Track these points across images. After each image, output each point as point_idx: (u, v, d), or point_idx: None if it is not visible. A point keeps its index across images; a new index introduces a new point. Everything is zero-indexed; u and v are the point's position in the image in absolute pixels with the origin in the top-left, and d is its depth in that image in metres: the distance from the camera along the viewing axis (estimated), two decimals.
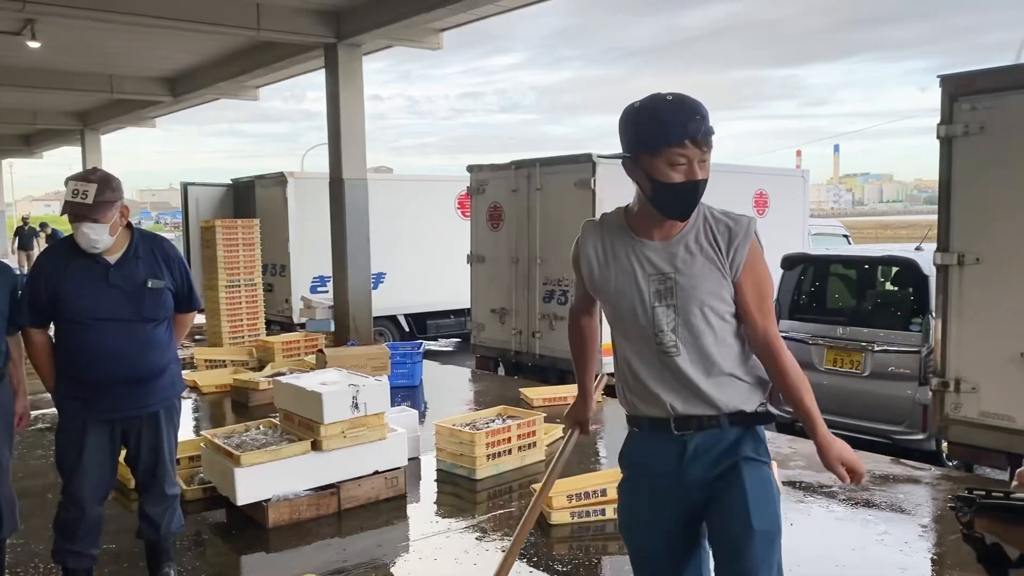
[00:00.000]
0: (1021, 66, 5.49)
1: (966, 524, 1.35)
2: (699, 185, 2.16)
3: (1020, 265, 4.98)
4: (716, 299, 2.22)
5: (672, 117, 2.12)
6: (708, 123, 2.13)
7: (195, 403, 7.69)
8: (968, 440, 5.27)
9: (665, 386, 2.27)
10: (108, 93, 13.24)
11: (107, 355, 3.37)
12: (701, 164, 2.15)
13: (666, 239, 2.25)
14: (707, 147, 2.15)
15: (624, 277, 2.28)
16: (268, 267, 11.68)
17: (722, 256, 2.22)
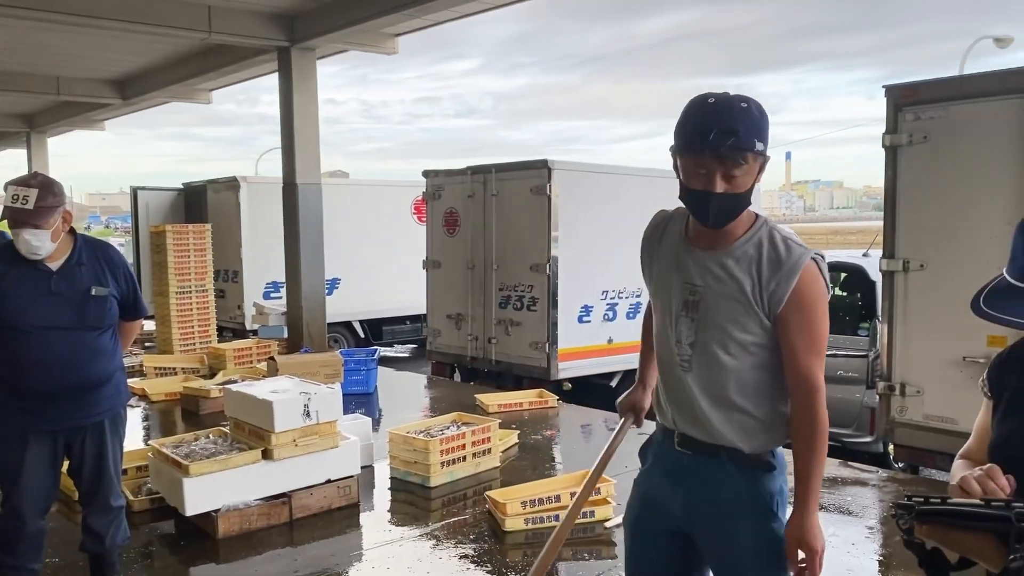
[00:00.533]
0: (962, 77, 5.65)
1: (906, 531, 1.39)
2: (712, 197, 2.00)
3: (962, 271, 5.10)
4: (736, 326, 2.07)
5: (700, 123, 1.99)
6: (736, 137, 1.94)
7: (144, 412, 7.54)
8: (913, 443, 5.39)
9: (674, 398, 2.21)
10: (55, 95, 12.93)
11: (49, 364, 3.29)
12: (726, 178, 1.98)
13: (712, 249, 2.12)
14: (732, 162, 1.96)
15: (664, 278, 2.22)
16: (220, 273, 11.53)
17: (758, 285, 2.05)
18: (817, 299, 2.05)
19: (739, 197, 2.01)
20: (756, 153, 1.98)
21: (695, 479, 2.15)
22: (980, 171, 5.03)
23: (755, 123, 1.97)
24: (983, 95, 5.09)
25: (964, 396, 5.11)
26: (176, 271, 9.72)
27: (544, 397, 7.49)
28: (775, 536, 2.11)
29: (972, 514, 1.30)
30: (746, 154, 1.97)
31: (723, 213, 2.04)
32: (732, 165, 1.97)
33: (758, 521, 2.12)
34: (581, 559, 4.18)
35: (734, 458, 2.12)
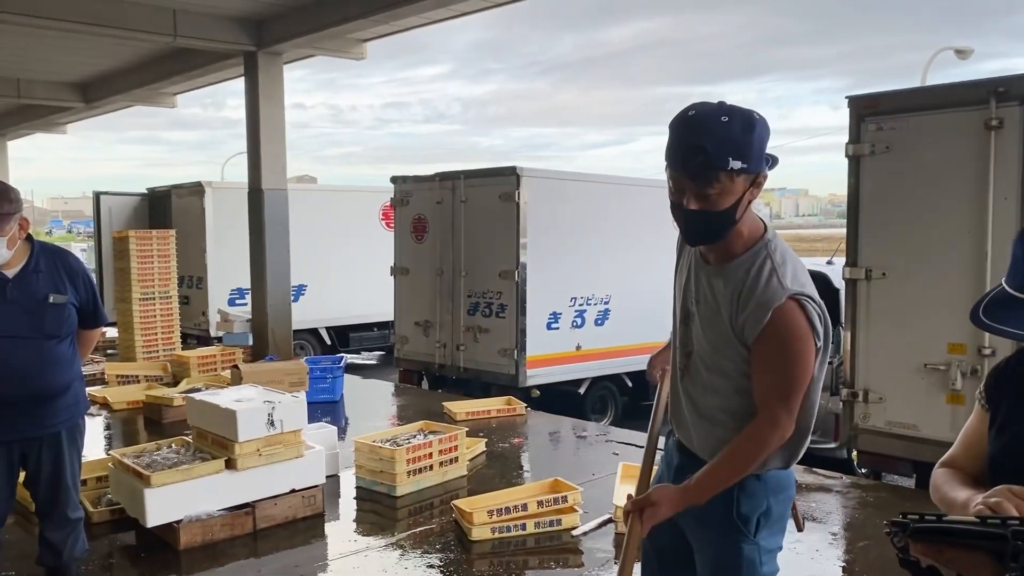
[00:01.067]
0: (923, 89, 5.75)
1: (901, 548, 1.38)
2: (684, 214, 1.95)
3: (923, 279, 5.19)
4: (717, 350, 2.06)
5: (675, 138, 1.92)
6: (704, 156, 1.85)
7: (105, 421, 7.40)
8: (876, 449, 5.46)
9: (672, 399, 2.25)
10: (15, 98, 12.71)
11: (6, 373, 3.22)
12: (699, 196, 1.90)
13: (712, 265, 2.08)
14: (702, 180, 1.88)
15: (679, 282, 2.21)
16: (184, 279, 11.38)
17: (735, 314, 1.99)
18: (788, 341, 1.94)
19: (714, 216, 1.92)
20: (731, 172, 1.87)
21: (682, 478, 2.11)
22: (941, 181, 5.12)
23: (732, 140, 1.86)
24: (943, 106, 5.18)
25: (926, 402, 5.19)
26: (139, 277, 9.57)
27: (512, 404, 7.48)
28: (743, 556, 2.08)
29: (967, 532, 1.29)
30: (717, 173, 1.86)
31: (696, 230, 1.99)
32: (703, 183, 1.88)
33: (726, 538, 2.09)
34: (547, 568, 4.18)
35: None
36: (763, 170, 1.96)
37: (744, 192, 1.93)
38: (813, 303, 1.96)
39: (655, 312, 9.13)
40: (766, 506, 2.09)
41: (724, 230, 1.96)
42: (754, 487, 2.08)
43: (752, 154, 1.89)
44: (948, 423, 5.08)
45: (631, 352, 9.08)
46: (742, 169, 1.88)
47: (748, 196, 1.95)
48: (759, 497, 2.09)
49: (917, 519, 1.32)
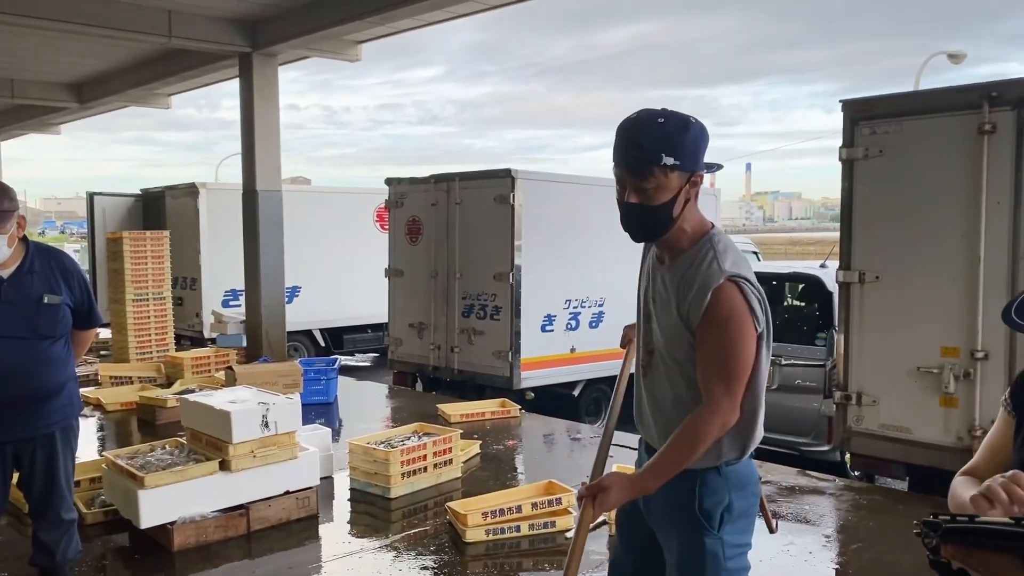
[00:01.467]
0: (917, 93, 5.78)
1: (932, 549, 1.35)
2: (624, 207, 2.09)
3: (917, 283, 5.21)
4: (671, 343, 2.15)
5: (618, 139, 2.07)
6: (640, 151, 2.01)
7: (99, 422, 7.39)
8: (869, 451, 5.47)
9: (637, 399, 2.33)
10: (9, 98, 12.65)
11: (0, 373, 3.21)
12: (638, 191, 2.04)
13: (664, 264, 2.21)
14: (639, 175, 2.03)
15: (641, 284, 2.33)
16: (178, 280, 11.37)
17: (682, 303, 2.09)
18: (727, 321, 2.03)
19: (650, 209, 2.05)
20: (664, 167, 2.00)
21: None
22: (934, 185, 5.14)
23: (667, 137, 2.00)
24: (937, 110, 5.20)
25: (919, 405, 5.21)
26: (133, 278, 9.55)
27: (507, 407, 7.48)
28: (705, 550, 2.13)
29: (999, 532, 1.27)
30: (652, 167, 2.00)
31: (635, 224, 2.12)
32: (639, 178, 2.03)
33: (689, 533, 2.14)
34: (541, 570, 4.18)
35: None
36: (698, 169, 2.08)
37: (680, 189, 2.05)
38: (752, 287, 2.06)
39: None
40: (728, 500, 2.15)
41: (662, 224, 2.09)
42: (715, 482, 2.14)
43: (685, 153, 2.02)
44: (941, 426, 5.11)
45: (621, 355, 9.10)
46: (675, 166, 2.01)
47: (685, 194, 2.07)
48: (720, 492, 2.14)
49: (948, 520, 1.29)
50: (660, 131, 2.01)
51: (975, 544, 1.28)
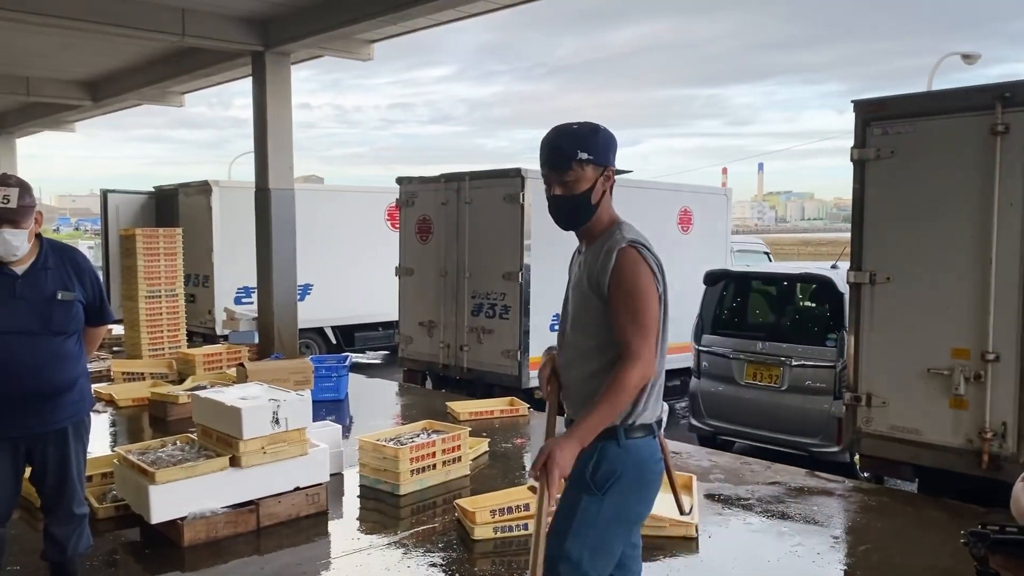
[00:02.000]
0: (929, 93, 5.75)
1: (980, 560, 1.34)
2: (553, 200, 2.49)
3: (928, 284, 5.19)
4: (583, 312, 2.48)
5: (543, 146, 2.48)
6: (560, 150, 2.43)
7: (111, 417, 7.44)
8: (879, 453, 5.46)
9: (565, 382, 2.59)
10: (24, 96, 12.77)
11: (13, 369, 3.24)
12: (560, 184, 2.45)
13: (584, 251, 2.56)
14: (559, 169, 2.43)
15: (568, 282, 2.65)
16: (191, 277, 11.42)
17: (595, 272, 2.43)
18: (633, 276, 2.38)
19: (572, 199, 2.45)
20: (580, 161, 2.40)
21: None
22: (946, 186, 5.12)
23: (581, 138, 2.43)
24: (950, 111, 5.17)
25: (929, 407, 5.19)
26: (146, 275, 9.61)
27: (515, 405, 7.49)
28: (580, 503, 2.38)
29: None
30: (570, 162, 2.41)
31: (562, 214, 2.51)
32: (560, 172, 2.43)
33: (578, 488, 2.40)
34: None
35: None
36: (611, 164, 2.48)
37: (596, 180, 2.45)
38: (651, 253, 2.43)
39: None
40: (620, 472, 2.40)
41: (583, 211, 2.47)
42: (613, 453, 2.40)
43: (597, 149, 2.44)
44: (950, 428, 5.09)
45: None
46: (589, 160, 2.42)
47: (601, 185, 2.46)
48: (616, 463, 2.40)
49: (997, 530, 1.27)
50: (575, 134, 2.45)
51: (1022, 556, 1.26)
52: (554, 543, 2.36)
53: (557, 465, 2.24)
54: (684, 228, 9.79)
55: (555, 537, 2.37)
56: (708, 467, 5.83)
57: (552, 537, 2.36)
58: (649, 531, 4.40)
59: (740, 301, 8.28)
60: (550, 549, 2.33)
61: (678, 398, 9.60)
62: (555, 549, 2.35)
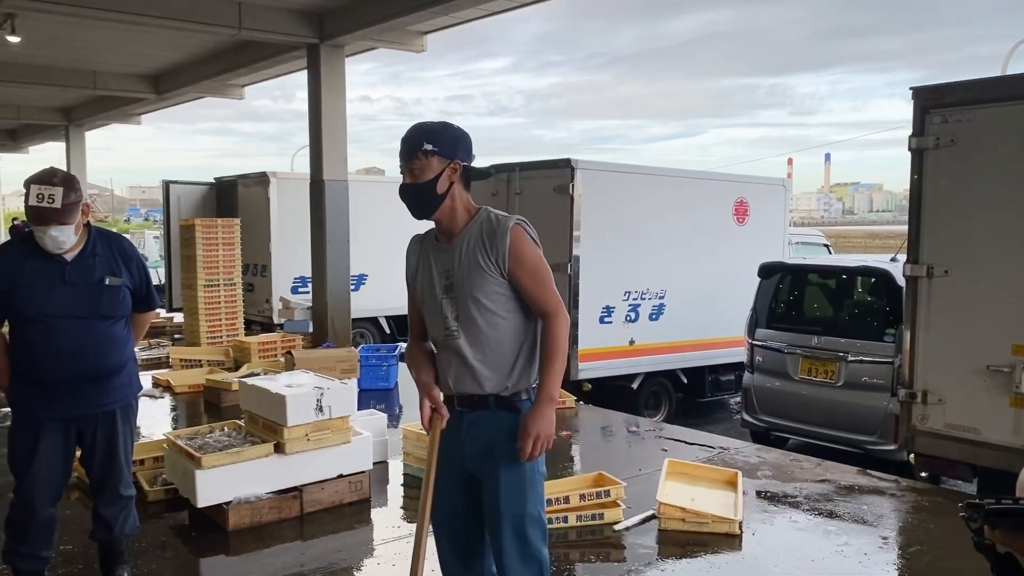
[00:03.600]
0: (991, 80, 5.50)
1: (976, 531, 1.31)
2: (402, 188, 2.64)
3: (987, 278, 4.99)
4: (481, 291, 2.59)
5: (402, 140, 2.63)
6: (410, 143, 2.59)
7: (168, 403, 7.64)
8: (934, 452, 5.28)
9: (448, 366, 2.68)
10: (91, 89, 13.16)
11: (63, 353, 3.33)
12: (410, 172, 2.61)
13: (450, 242, 2.66)
14: (409, 159, 2.59)
15: (426, 277, 2.72)
16: (249, 267, 11.64)
17: (485, 252, 2.58)
18: (527, 249, 2.58)
19: (418, 187, 2.60)
20: (425, 152, 2.57)
21: (473, 429, 2.65)
22: (1008, 176, 4.91)
23: (429, 131, 2.61)
24: (1013, 98, 4.96)
25: (988, 405, 5.00)
26: (204, 264, 9.84)
27: (563, 397, 7.46)
28: (526, 470, 2.61)
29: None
30: (416, 152, 2.58)
31: (409, 200, 2.64)
32: (408, 162, 2.60)
33: (511, 461, 2.59)
34: (588, 562, 4.16)
35: (500, 403, 2.63)
36: (456, 158, 2.61)
37: (442, 171, 2.59)
38: (530, 226, 2.63)
39: (712, 308, 9.05)
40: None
41: (430, 198, 2.60)
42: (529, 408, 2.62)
43: (443, 142, 2.60)
44: (1011, 427, 4.90)
45: (687, 348, 8.98)
46: (434, 151, 2.57)
47: (448, 176, 2.60)
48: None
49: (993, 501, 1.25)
50: (425, 127, 2.63)
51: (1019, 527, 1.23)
52: (515, 505, 2.60)
53: (549, 435, 2.56)
54: (740, 219, 9.61)
55: (513, 501, 2.60)
56: (756, 463, 5.72)
57: (509, 501, 2.59)
58: (691, 527, 4.38)
59: (796, 294, 8.09)
60: (513, 508, 2.59)
61: (731, 393, 9.47)
62: (518, 509, 2.60)
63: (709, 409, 9.64)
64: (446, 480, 2.67)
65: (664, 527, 4.41)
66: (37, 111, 16.82)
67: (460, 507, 2.71)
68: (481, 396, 2.63)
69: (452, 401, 2.69)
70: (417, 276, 2.77)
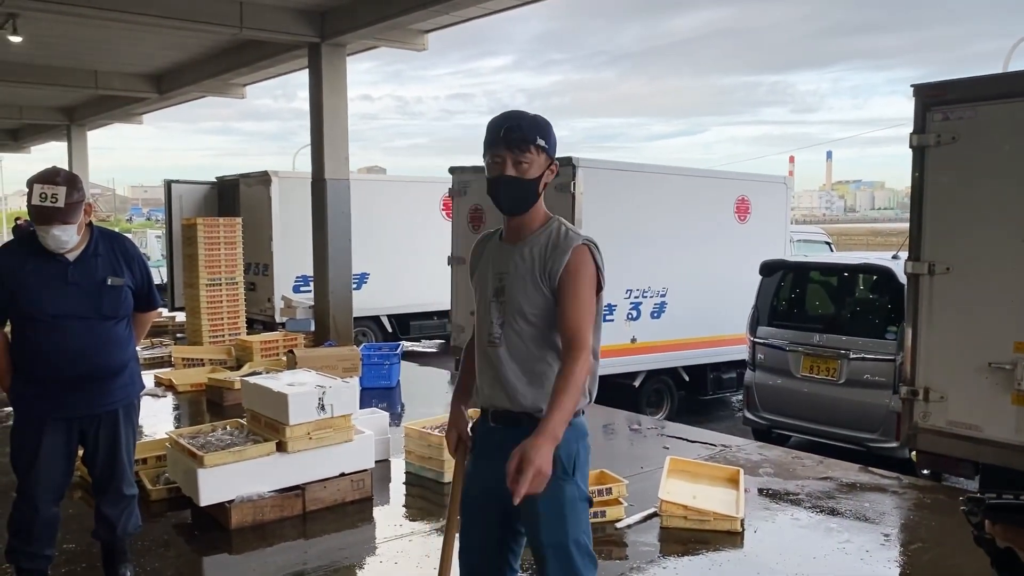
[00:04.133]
0: (993, 76, 5.49)
1: (976, 526, 1.33)
2: (503, 181, 2.43)
3: (989, 275, 4.98)
4: (529, 302, 2.45)
5: (496, 124, 2.46)
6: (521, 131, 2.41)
7: (170, 402, 7.65)
8: (936, 449, 5.26)
9: (485, 376, 2.54)
10: (93, 89, 13.17)
11: (66, 352, 3.34)
12: (515, 165, 2.42)
13: (516, 243, 2.52)
14: (518, 150, 2.41)
15: (482, 276, 2.59)
16: (251, 266, 11.65)
17: (542, 264, 2.44)
18: (582, 273, 2.42)
19: (525, 183, 2.43)
20: (538, 147, 2.42)
21: (507, 449, 2.32)
22: (1010, 173, 4.89)
23: (538, 125, 2.45)
24: (1015, 95, 4.95)
25: (990, 403, 4.98)
26: (206, 263, 9.84)
27: None
28: (567, 496, 2.41)
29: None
30: (529, 145, 2.41)
31: (512, 195, 2.46)
32: (519, 152, 2.41)
33: (553, 481, 2.31)
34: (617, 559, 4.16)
35: (534, 422, 2.34)
36: (555, 160, 2.50)
37: (544, 170, 2.46)
38: (599, 252, 2.48)
39: (714, 305, 9.05)
40: (577, 449, 2.46)
41: (530, 197, 2.46)
42: (567, 433, 2.36)
43: (550, 140, 2.47)
44: (1013, 425, 4.88)
45: (688, 346, 8.98)
46: (544, 148, 2.44)
47: (547, 177, 2.48)
48: (571, 442, 2.43)
49: (994, 496, 1.26)
50: (534, 120, 2.46)
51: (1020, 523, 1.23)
52: (556, 534, 2.42)
53: (532, 465, 2.19)
54: (741, 217, 9.61)
55: (553, 529, 2.42)
56: (758, 461, 5.73)
57: (549, 530, 2.42)
58: (693, 524, 4.38)
59: (797, 292, 8.09)
60: (554, 538, 2.41)
61: (733, 390, 9.47)
62: (560, 538, 2.41)
63: (711, 407, 9.64)
64: (471, 510, 2.55)
65: (666, 525, 4.42)
66: (39, 111, 16.84)
67: (482, 541, 2.56)
68: (514, 413, 2.47)
69: (487, 415, 2.56)
70: (475, 274, 2.64)
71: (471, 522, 2.57)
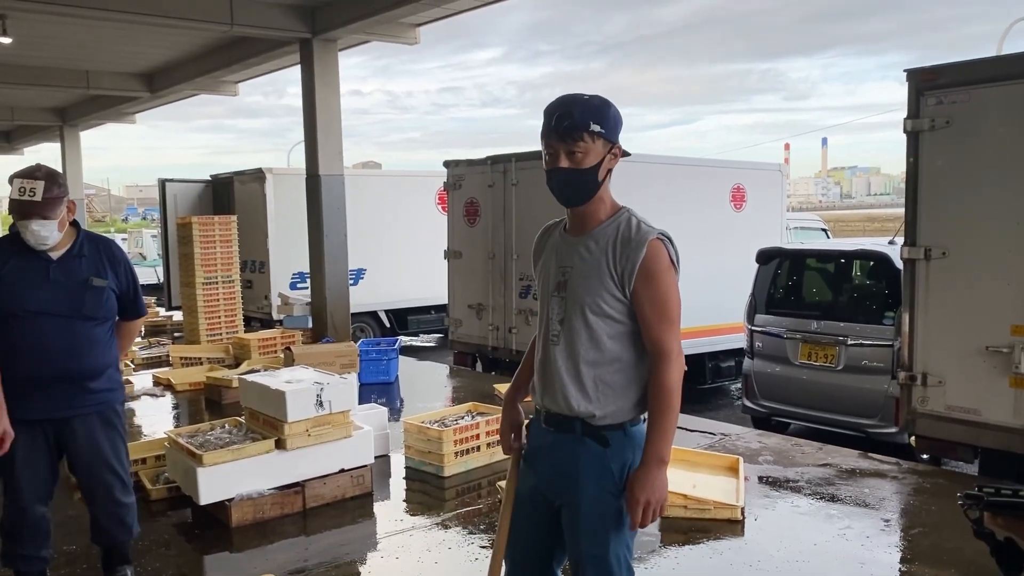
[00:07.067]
0: (987, 60, 5.48)
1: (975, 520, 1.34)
2: (559, 173, 2.27)
3: (985, 259, 4.99)
4: (594, 299, 2.29)
5: (547, 113, 2.30)
6: (572, 119, 2.23)
7: (169, 401, 7.65)
8: (935, 434, 5.28)
9: (542, 374, 2.41)
10: (85, 89, 13.10)
11: (38, 350, 3.27)
12: (568, 155, 2.25)
13: (580, 235, 2.38)
14: (570, 139, 2.24)
15: (545, 267, 2.46)
16: (248, 264, 11.64)
17: (612, 260, 2.28)
18: (662, 271, 2.26)
19: (580, 173, 2.26)
20: (592, 133, 2.24)
21: (557, 454, 2.35)
22: (1005, 157, 4.90)
23: (593, 108, 2.26)
24: (1009, 78, 4.94)
25: (988, 386, 5.00)
26: (202, 262, 9.82)
27: None
28: (613, 509, 2.28)
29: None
30: (581, 133, 2.23)
31: (569, 186, 2.30)
32: (571, 142, 2.24)
33: (599, 488, 2.28)
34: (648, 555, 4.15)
35: (588, 429, 2.30)
36: (618, 142, 2.32)
37: (604, 156, 2.28)
38: (674, 245, 2.33)
39: (711, 294, 9.03)
40: (631, 461, 2.31)
41: (589, 187, 2.29)
42: (620, 442, 2.30)
43: (608, 123, 2.27)
44: (1011, 408, 4.90)
45: (686, 335, 8.85)
46: (600, 133, 2.25)
47: (607, 163, 2.30)
48: (625, 452, 2.31)
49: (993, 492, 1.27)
50: (588, 104, 2.27)
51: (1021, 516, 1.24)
52: (597, 545, 2.31)
53: (650, 501, 2.21)
54: (737, 205, 9.60)
55: (594, 540, 2.31)
56: (757, 449, 5.73)
57: (590, 540, 2.32)
58: (694, 514, 4.39)
59: (794, 279, 8.09)
60: (594, 549, 2.31)
61: (732, 379, 9.48)
62: (600, 550, 2.31)
63: (710, 395, 9.65)
64: (519, 509, 2.48)
65: (666, 514, 4.40)
66: (31, 112, 16.75)
67: (528, 540, 2.49)
68: (566, 417, 2.33)
69: (540, 416, 2.45)
70: (539, 264, 2.50)
71: (518, 520, 2.49)
